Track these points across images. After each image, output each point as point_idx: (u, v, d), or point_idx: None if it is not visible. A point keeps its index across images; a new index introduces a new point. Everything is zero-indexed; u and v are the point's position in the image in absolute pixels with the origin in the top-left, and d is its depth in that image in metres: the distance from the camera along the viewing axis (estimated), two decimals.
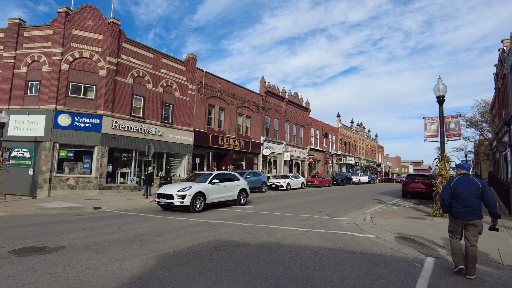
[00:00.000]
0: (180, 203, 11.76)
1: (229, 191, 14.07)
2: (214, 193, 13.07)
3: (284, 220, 10.21)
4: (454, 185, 5.07)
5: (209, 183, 13.02)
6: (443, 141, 10.40)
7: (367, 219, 10.00)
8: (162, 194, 12.47)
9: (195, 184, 12.64)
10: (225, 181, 14.10)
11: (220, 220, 10.20)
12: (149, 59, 22.85)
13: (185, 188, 12.08)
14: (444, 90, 10.63)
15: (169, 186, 13.05)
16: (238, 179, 14.99)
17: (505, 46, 21.04)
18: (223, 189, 13.65)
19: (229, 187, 14.08)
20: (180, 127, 24.60)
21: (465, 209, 4.86)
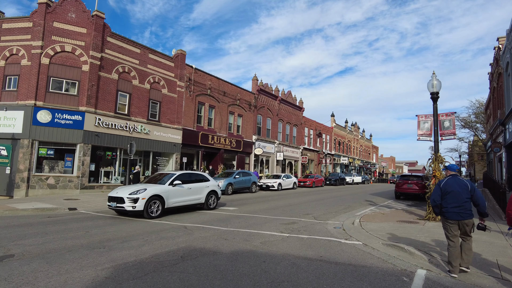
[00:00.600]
0: (132, 207, 10.18)
1: (195, 194, 12.40)
2: (175, 196, 11.37)
3: (268, 223, 9.54)
4: (444, 186, 5.17)
5: (169, 184, 11.36)
6: (437, 140, 9.80)
7: (356, 223, 9.37)
8: (112, 197, 10.82)
9: (152, 186, 11.09)
10: (190, 182, 12.45)
11: (199, 223, 9.51)
12: (136, 54, 22.05)
13: (139, 191, 10.51)
14: (438, 86, 10.02)
15: (122, 188, 11.37)
16: (207, 180, 13.37)
17: (501, 45, 20.57)
18: (187, 191, 12.00)
19: (195, 190, 12.42)
20: (168, 125, 23.83)
21: (456, 209, 4.97)
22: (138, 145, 21.71)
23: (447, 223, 5.09)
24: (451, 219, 5.01)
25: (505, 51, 18.48)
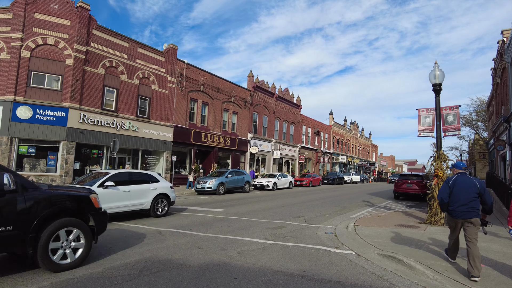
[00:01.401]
0: None
1: (136, 198, 9.99)
2: (106, 201, 8.83)
3: (253, 228, 8.64)
4: (452, 184, 5.07)
5: (99, 186, 9.12)
6: (440, 136, 8.90)
7: (350, 227, 8.46)
8: None
9: None
10: (130, 183, 10.11)
11: (178, 228, 8.60)
12: (124, 48, 21.12)
13: None
14: (441, 77, 9.11)
15: None
16: (156, 181, 10.95)
17: (505, 38, 19.65)
18: (123, 195, 9.66)
19: (136, 193, 10.01)
20: (158, 122, 22.91)
21: (462, 207, 4.87)
22: (126, 143, 20.82)
23: (451, 222, 5.10)
24: (458, 218, 4.93)
25: (510, 43, 17.56)
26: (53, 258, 4.81)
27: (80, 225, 5.20)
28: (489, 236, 7.51)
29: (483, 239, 7.00)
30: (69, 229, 5.06)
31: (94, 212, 5.54)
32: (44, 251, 4.70)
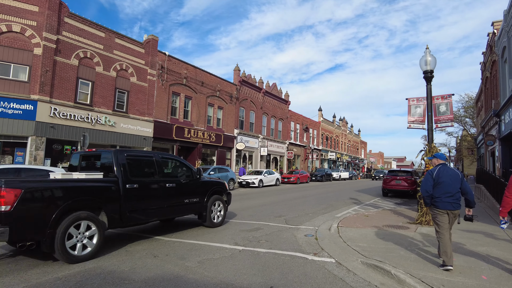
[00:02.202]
0: None
1: None
2: None
3: (225, 231, 7.73)
4: (436, 175, 4.97)
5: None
6: (431, 128, 8.11)
7: (333, 228, 7.62)
8: None
9: None
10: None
11: (139, 231, 7.63)
12: (100, 39, 19.87)
13: None
14: (433, 63, 8.32)
15: None
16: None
17: (496, 29, 19.09)
18: None
19: None
20: (137, 116, 21.76)
21: (449, 198, 4.83)
22: (103, 138, 19.65)
23: (438, 213, 4.91)
24: (443, 209, 4.84)
25: (501, 34, 16.97)
26: (213, 219, 8.20)
27: (222, 198, 8.60)
28: (486, 238, 6.76)
29: (480, 243, 6.24)
30: (218, 200, 8.43)
31: (227, 192, 8.97)
32: (209, 212, 8.07)
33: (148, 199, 6.59)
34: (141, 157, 7.09)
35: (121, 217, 6.01)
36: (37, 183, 5.09)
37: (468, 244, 6.18)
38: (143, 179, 6.66)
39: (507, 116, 15.78)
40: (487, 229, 7.59)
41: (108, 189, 5.85)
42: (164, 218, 7.47)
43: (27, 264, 5.03)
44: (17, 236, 4.63)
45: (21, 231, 4.64)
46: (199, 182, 7.89)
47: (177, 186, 7.26)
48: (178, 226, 8.34)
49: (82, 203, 5.39)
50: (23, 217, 4.64)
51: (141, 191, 6.43)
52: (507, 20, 15.36)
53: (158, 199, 6.79)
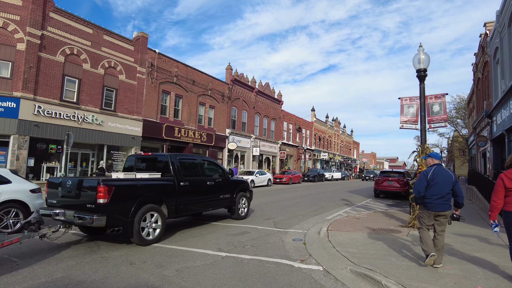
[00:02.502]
0: None
1: None
2: None
3: (210, 235, 7.38)
4: (431, 176, 4.93)
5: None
6: (424, 129, 7.86)
7: (323, 232, 7.32)
8: None
9: None
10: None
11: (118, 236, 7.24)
12: (87, 35, 19.34)
13: None
14: (426, 62, 8.08)
15: None
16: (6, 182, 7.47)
17: (488, 30, 19.04)
18: None
19: None
20: (126, 115, 21.26)
21: (439, 200, 4.83)
22: (90, 137, 19.15)
23: (425, 214, 4.97)
24: (433, 210, 4.86)
25: (493, 35, 16.89)
26: (240, 212, 9.61)
27: (246, 194, 10.05)
28: (481, 242, 6.53)
29: (475, 248, 5.99)
30: (243, 196, 9.87)
31: (250, 189, 10.42)
32: (237, 205, 9.48)
33: (195, 194, 7.99)
34: (188, 160, 8.36)
35: (177, 209, 7.30)
36: (123, 181, 6.44)
37: (462, 249, 5.93)
38: (191, 178, 7.96)
39: (499, 117, 15.69)
40: (481, 233, 7.37)
41: (167, 186, 7.20)
42: (205, 210, 8.78)
43: None
44: (110, 223, 5.86)
45: (113, 219, 5.89)
46: (229, 181, 9.36)
47: (215, 184, 8.71)
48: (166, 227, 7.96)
49: (151, 197, 6.70)
50: (114, 208, 5.90)
51: (190, 188, 7.77)
52: (500, 21, 15.25)
53: (201, 194, 8.21)
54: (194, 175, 8.10)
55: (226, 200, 9.08)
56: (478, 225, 8.44)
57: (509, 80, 14.06)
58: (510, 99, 13.53)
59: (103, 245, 6.36)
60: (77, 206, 6.02)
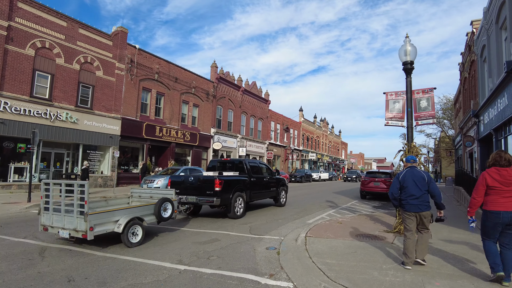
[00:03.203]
0: None
1: None
2: None
3: (176, 243, 6.61)
4: (402, 178, 5.13)
5: None
6: (411, 126, 7.25)
7: (301, 239, 6.64)
8: None
9: None
10: None
11: (71, 243, 6.41)
12: (61, 28, 18.29)
13: None
14: (413, 54, 7.48)
15: None
16: None
17: (475, 29, 18.74)
18: None
19: None
20: (103, 113, 20.25)
21: (415, 200, 4.93)
22: (63, 136, 18.10)
23: (405, 215, 5.09)
24: (409, 211, 4.99)
25: (480, 33, 16.55)
26: (282, 202, 13.05)
27: (284, 189, 13.30)
28: (472, 251, 5.94)
29: (466, 258, 5.38)
30: (283, 190, 13.18)
31: (286, 185, 13.72)
32: (278, 196, 12.80)
33: (258, 187, 11.46)
34: (253, 163, 11.97)
35: (250, 196, 10.79)
36: (226, 177, 9.72)
37: (453, 259, 5.31)
38: (256, 176, 11.46)
39: (486, 116, 15.34)
40: (471, 239, 6.79)
41: (246, 180, 10.68)
42: (262, 198, 12.10)
43: None
44: (222, 203, 9.31)
45: (223, 200, 9.27)
46: (275, 178, 12.78)
47: (268, 180, 12.23)
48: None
49: (239, 188, 10.12)
50: (223, 194, 9.26)
51: (256, 182, 11.29)
52: (487, 18, 14.89)
53: (261, 187, 11.73)
54: (257, 174, 11.65)
55: (273, 192, 12.52)
56: (468, 228, 7.89)
57: (496, 78, 13.68)
58: (498, 97, 13.15)
59: (50, 256, 5.54)
60: (198, 193, 9.42)
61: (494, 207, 4.13)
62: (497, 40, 13.61)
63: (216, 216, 10.43)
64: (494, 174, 4.18)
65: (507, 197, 4.10)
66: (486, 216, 4.26)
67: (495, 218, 4.13)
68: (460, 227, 8.18)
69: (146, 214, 6.73)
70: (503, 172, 4.14)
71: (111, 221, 6.02)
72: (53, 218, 6.10)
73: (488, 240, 4.29)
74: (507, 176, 4.11)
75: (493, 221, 4.15)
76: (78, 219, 5.73)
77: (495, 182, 4.15)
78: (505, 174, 4.12)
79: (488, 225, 4.23)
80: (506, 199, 4.10)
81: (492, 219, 4.16)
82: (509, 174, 4.11)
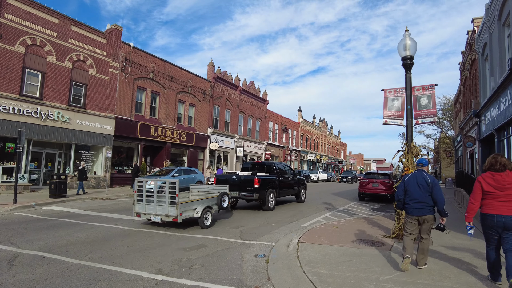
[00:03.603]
0: None
1: None
2: None
3: (159, 249, 6.18)
4: (407, 181, 5.11)
5: None
6: (411, 124, 6.83)
7: (292, 245, 6.21)
8: None
9: None
10: None
11: (46, 249, 5.98)
12: (52, 25, 17.87)
13: None
14: (413, 48, 7.06)
15: None
16: None
17: (476, 26, 18.34)
18: None
19: None
20: (96, 112, 19.81)
21: (417, 204, 4.89)
22: (55, 136, 17.67)
23: (407, 218, 5.04)
24: (412, 215, 4.93)
25: (482, 31, 16.14)
26: (301, 197, 15.27)
27: (304, 187, 15.60)
28: (476, 259, 5.51)
29: (471, 269, 4.95)
30: (303, 188, 15.52)
31: (305, 184, 15.92)
32: (299, 193, 15.11)
33: (285, 185, 13.47)
34: (280, 165, 13.99)
35: (278, 193, 12.74)
36: (262, 177, 12.00)
37: (454, 272, 4.89)
38: (283, 175, 13.51)
39: (488, 116, 14.92)
40: (475, 245, 6.37)
41: (276, 179, 12.72)
42: (287, 195, 14.14)
43: None
44: (259, 197, 11.53)
45: (260, 195, 11.54)
46: (297, 178, 14.90)
47: (291, 179, 14.34)
48: (110, 239, 6.71)
49: (270, 185, 12.10)
50: (260, 190, 11.55)
51: (283, 181, 13.32)
52: (489, 14, 14.48)
53: (287, 186, 13.74)
54: (284, 174, 13.69)
55: (295, 189, 14.62)
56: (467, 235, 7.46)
57: (499, 76, 13.27)
58: (501, 96, 12.74)
59: (19, 265, 5.10)
60: (240, 189, 11.67)
61: (489, 210, 4.17)
62: (499, 37, 13.20)
63: None
64: (488, 179, 4.21)
65: (502, 201, 4.10)
66: (482, 219, 4.32)
67: (490, 221, 4.17)
68: (462, 231, 7.76)
69: (212, 204, 8.97)
70: (497, 177, 4.15)
71: (191, 209, 8.20)
72: (146, 207, 8.28)
73: (488, 246, 4.33)
74: (501, 181, 4.11)
75: (488, 224, 4.20)
76: (170, 207, 7.86)
77: (489, 187, 4.17)
78: (499, 179, 4.12)
79: (485, 228, 4.30)
80: (501, 203, 4.10)
81: (487, 222, 4.21)
82: (503, 179, 4.10)
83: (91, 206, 12.52)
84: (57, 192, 14.31)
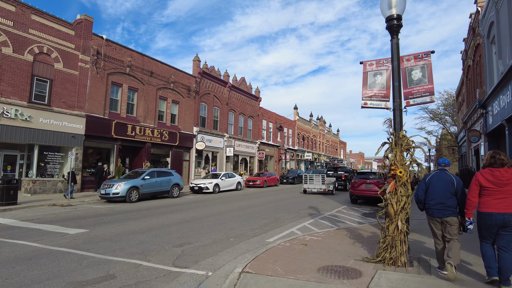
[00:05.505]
0: None
1: None
2: None
3: (45, 283, 4.36)
4: (428, 180, 4.85)
5: None
6: (399, 106, 4.97)
7: (230, 279, 4.37)
8: None
9: None
10: None
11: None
12: (7, 13, 16.11)
13: None
14: (401, 5, 5.24)
15: None
16: None
17: (480, 7, 16.46)
18: None
19: None
20: (64, 110, 18.03)
21: (438, 205, 4.65)
22: (14, 136, 15.94)
23: (430, 220, 4.84)
24: (433, 216, 4.71)
25: (487, 10, 14.29)
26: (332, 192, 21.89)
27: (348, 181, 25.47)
28: None
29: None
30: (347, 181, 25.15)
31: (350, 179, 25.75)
32: (332, 188, 21.31)
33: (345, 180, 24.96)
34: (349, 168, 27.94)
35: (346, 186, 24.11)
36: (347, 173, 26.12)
37: None
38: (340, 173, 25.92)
39: (496, 106, 13.05)
40: None
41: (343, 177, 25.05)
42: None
43: None
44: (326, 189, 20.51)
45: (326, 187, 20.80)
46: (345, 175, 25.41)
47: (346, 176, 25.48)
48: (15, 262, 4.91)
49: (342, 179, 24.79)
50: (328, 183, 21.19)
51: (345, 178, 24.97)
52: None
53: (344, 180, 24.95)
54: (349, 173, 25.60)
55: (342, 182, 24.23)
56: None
57: (509, 58, 11.41)
58: (511, 81, 10.89)
59: None
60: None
61: (487, 209, 4.12)
62: (509, 13, 11.33)
63: (157, 230, 8.13)
64: (487, 175, 4.13)
65: (500, 198, 4.04)
66: (479, 218, 4.25)
67: (488, 220, 4.11)
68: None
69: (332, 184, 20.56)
70: (495, 173, 4.08)
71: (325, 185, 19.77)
72: (309, 185, 20.28)
73: (484, 242, 4.26)
74: (499, 177, 4.03)
75: (486, 222, 4.13)
76: (322, 184, 19.71)
77: (488, 183, 4.10)
78: (497, 175, 4.05)
79: (482, 227, 4.22)
80: (498, 200, 4.05)
81: (485, 221, 4.14)
82: (501, 175, 4.03)
83: (38, 215, 10.75)
84: (5, 199, 12.54)
